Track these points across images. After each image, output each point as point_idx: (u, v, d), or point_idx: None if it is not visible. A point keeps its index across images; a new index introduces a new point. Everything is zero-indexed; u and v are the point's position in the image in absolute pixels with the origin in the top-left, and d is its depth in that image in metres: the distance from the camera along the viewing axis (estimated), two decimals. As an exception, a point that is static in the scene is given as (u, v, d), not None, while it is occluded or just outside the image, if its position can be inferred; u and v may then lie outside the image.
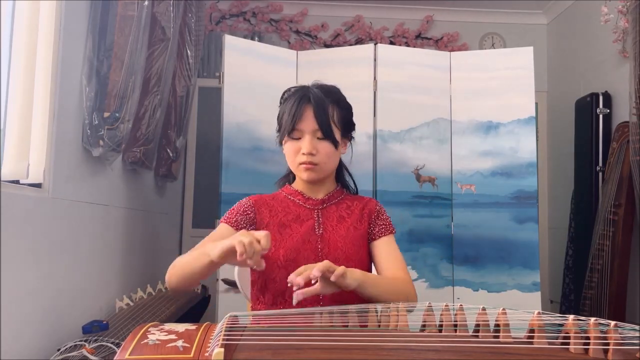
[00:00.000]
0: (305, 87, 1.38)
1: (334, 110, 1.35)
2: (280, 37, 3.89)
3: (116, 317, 2.12)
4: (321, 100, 1.32)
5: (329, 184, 1.42)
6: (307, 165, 1.32)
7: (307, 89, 1.36)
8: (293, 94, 1.36)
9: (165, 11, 2.49)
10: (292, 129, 1.31)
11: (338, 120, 1.36)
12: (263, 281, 1.33)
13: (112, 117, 2.05)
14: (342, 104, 1.39)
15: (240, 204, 1.39)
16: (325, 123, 1.31)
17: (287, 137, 1.34)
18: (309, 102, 1.32)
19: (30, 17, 1.75)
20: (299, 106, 1.31)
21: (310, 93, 1.34)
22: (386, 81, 2.57)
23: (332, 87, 1.40)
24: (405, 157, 2.58)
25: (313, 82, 1.41)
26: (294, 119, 1.31)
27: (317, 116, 1.30)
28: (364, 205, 1.41)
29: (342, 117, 1.37)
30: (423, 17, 3.93)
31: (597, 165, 3.02)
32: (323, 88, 1.37)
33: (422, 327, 0.92)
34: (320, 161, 1.33)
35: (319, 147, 1.32)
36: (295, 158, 1.34)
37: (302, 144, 1.32)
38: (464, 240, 2.58)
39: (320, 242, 1.33)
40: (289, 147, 1.35)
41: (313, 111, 1.31)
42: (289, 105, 1.34)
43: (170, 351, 0.79)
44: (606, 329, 0.80)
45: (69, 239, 1.93)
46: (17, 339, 1.60)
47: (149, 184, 2.91)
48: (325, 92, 1.35)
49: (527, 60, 2.59)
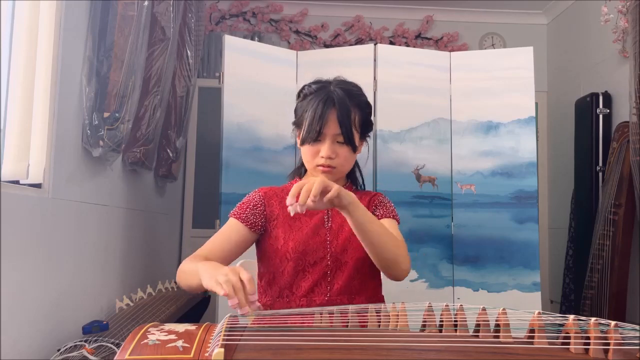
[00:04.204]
0: (327, 86, 1.35)
1: (356, 115, 1.34)
2: (280, 37, 3.89)
3: (116, 317, 2.12)
4: (345, 105, 1.31)
5: (340, 181, 1.42)
6: (324, 168, 1.32)
7: (330, 90, 1.33)
8: (316, 94, 1.34)
9: (165, 11, 2.49)
10: (318, 134, 1.30)
11: (359, 124, 1.35)
12: (271, 274, 1.34)
13: (112, 117, 2.05)
14: (363, 105, 1.37)
15: (250, 197, 1.39)
16: (347, 129, 1.30)
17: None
18: (333, 105, 1.30)
19: (30, 17, 1.75)
20: (324, 110, 1.29)
21: (334, 95, 1.31)
22: (386, 81, 2.57)
23: (353, 87, 1.38)
24: (406, 157, 2.58)
25: (335, 79, 1.38)
26: (320, 124, 1.29)
27: (341, 122, 1.29)
28: (370, 199, 1.42)
29: (362, 120, 1.36)
30: (423, 17, 3.93)
31: (597, 165, 3.02)
32: (345, 89, 1.34)
33: (422, 327, 0.92)
34: (338, 164, 1.33)
35: (338, 152, 1.31)
36: (314, 160, 1.33)
37: (322, 147, 1.31)
38: (464, 240, 2.57)
39: (329, 235, 1.33)
40: (308, 149, 1.34)
41: (337, 116, 1.29)
42: (312, 106, 1.31)
43: (170, 351, 0.79)
44: (606, 329, 0.80)
45: (69, 239, 1.93)
46: (17, 339, 1.60)
47: (149, 184, 2.91)
48: (348, 93, 1.33)
49: (527, 60, 2.59)
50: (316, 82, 1.38)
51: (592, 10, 3.20)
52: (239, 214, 1.35)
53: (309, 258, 1.30)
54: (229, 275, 1.00)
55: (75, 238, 1.97)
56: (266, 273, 1.35)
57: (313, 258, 1.30)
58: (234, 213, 1.37)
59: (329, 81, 1.38)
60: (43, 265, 1.75)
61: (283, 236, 1.32)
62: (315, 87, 1.36)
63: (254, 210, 1.35)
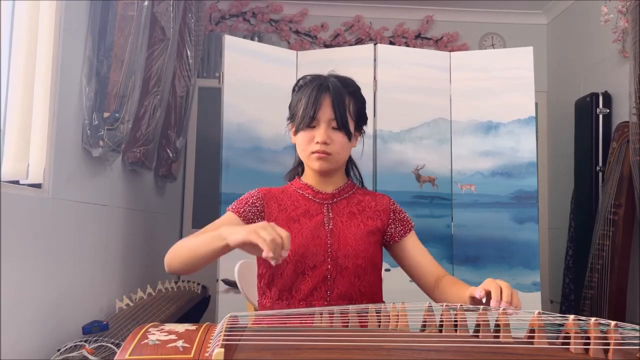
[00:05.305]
0: (322, 76, 1.37)
1: (350, 102, 1.34)
2: (280, 38, 3.88)
3: (116, 317, 2.12)
4: (339, 90, 1.32)
5: (339, 178, 1.41)
6: (319, 154, 1.31)
7: (325, 78, 1.35)
8: (310, 82, 1.35)
9: (165, 11, 2.49)
10: (312, 118, 1.30)
11: (353, 112, 1.35)
12: (270, 275, 1.33)
13: (112, 117, 2.05)
14: (358, 96, 1.38)
15: (248, 194, 1.38)
16: (342, 113, 1.30)
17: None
18: (328, 90, 1.31)
19: (30, 17, 1.75)
20: (318, 95, 1.30)
21: (328, 82, 1.33)
22: (386, 81, 2.57)
23: (348, 78, 1.39)
24: (405, 157, 2.58)
25: (329, 72, 1.39)
26: (314, 107, 1.29)
27: (335, 106, 1.29)
28: (376, 202, 1.41)
29: (357, 109, 1.37)
30: (423, 17, 3.93)
31: (597, 165, 3.02)
32: (340, 78, 1.36)
33: (422, 327, 0.92)
34: (334, 151, 1.31)
35: (333, 137, 1.31)
36: (308, 147, 1.32)
37: (317, 132, 1.30)
38: (464, 241, 2.57)
39: (330, 238, 1.32)
40: (302, 135, 1.33)
41: (331, 100, 1.30)
42: (306, 93, 1.32)
43: (170, 351, 0.79)
44: (606, 329, 0.80)
45: (69, 239, 1.93)
46: (17, 339, 1.60)
47: (149, 184, 2.91)
48: (342, 82, 1.35)
49: (527, 60, 2.59)
50: (311, 74, 1.39)
51: (592, 10, 3.20)
52: (237, 208, 1.34)
53: (308, 261, 1.29)
54: (273, 233, 0.99)
55: (75, 238, 1.97)
56: (265, 274, 1.34)
57: (313, 261, 1.29)
58: (231, 207, 1.35)
59: (324, 74, 1.39)
60: (43, 265, 1.75)
61: None
62: (309, 78, 1.37)
63: (252, 207, 1.34)
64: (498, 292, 1.04)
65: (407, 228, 1.40)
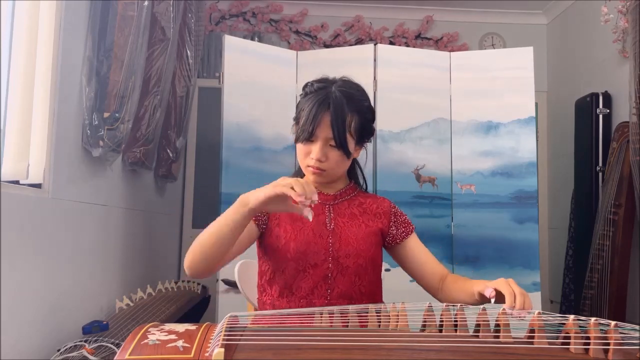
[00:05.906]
0: (329, 86, 1.32)
1: (352, 119, 1.30)
2: (280, 38, 3.88)
3: (116, 317, 2.12)
4: (341, 109, 1.27)
5: (341, 182, 1.42)
6: (314, 170, 1.31)
7: (330, 92, 1.30)
8: (315, 93, 1.31)
9: (165, 11, 2.49)
10: (310, 134, 1.28)
11: (355, 130, 1.31)
12: (272, 272, 1.34)
13: (112, 117, 2.05)
14: (363, 111, 1.33)
15: None
16: (340, 133, 1.27)
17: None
18: (328, 108, 1.27)
19: (30, 17, 1.75)
20: (318, 112, 1.26)
21: (331, 98, 1.28)
22: (386, 81, 2.57)
23: (355, 90, 1.34)
24: (405, 157, 2.58)
25: (340, 79, 1.35)
26: (312, 125, 1.27)
27: (334, 126, 1.26)
28: (377, 205, 1.41)
29: (360, 125, 1.33)
30: (423, 17, 3.93)
31: (597, 165, 3.02)
32: (346, 93, 1.31)
33: (422, 327, 0.92)
34: (328, 168, 1.31)
35: (329, 155, 1.29)
36: (305, 159, 1.32)
37: (314, 148, 1.29)
38: (464, 240, 2.57)
39: (332, 237, 1.33)
40: (300, 148, 1.32)
41: (330, 120, 1.26)
42: (308, 105, 1.29)
43: (170, 351, 0.79)
44: (606, 329, 0.80)
45: (69, 239, 1.93)
46: (17, 339, 1.60)
47: (149, 184, 2.91)
48: (348, 97, 1.30)
49: (527, 60, 2.59)
50: (320, 80, 1.36)
51: (592, 10, 3.20)
52: None
53: (309, 259, 1.30)
54: (294, 181, 1.01)
55: (75, 238, 1.97)
56: (266, 271, 1.35)
57: (314, 259, 1.30)
58: None
59: (333, 81, 1.35)
60: (43, 265, 1.74)
61: (284, 236, 1.32)
62: (316, 86, 1.33)
63: None
64: (512, 298, 1.05)
65: (409, 230, 1.41)
